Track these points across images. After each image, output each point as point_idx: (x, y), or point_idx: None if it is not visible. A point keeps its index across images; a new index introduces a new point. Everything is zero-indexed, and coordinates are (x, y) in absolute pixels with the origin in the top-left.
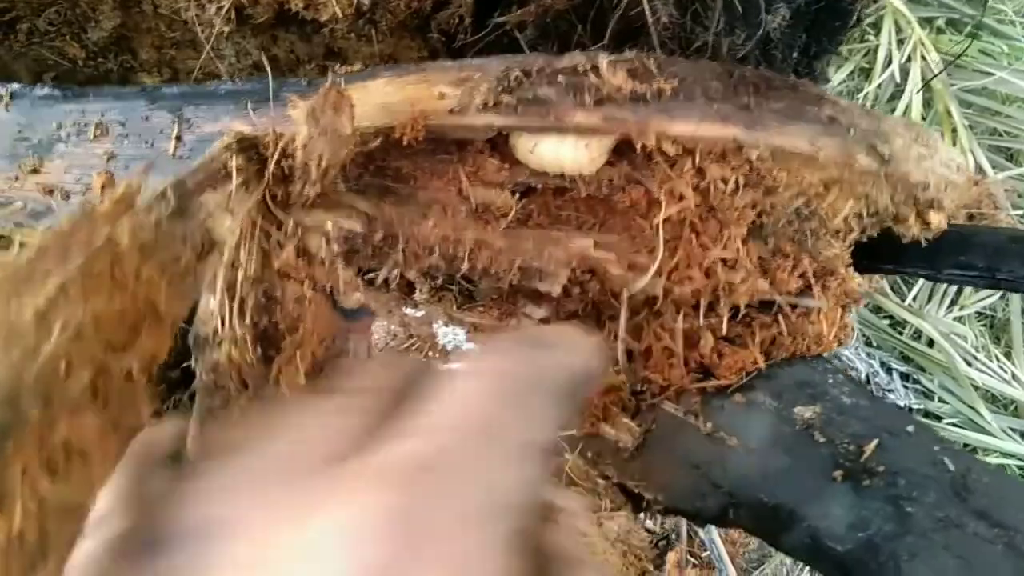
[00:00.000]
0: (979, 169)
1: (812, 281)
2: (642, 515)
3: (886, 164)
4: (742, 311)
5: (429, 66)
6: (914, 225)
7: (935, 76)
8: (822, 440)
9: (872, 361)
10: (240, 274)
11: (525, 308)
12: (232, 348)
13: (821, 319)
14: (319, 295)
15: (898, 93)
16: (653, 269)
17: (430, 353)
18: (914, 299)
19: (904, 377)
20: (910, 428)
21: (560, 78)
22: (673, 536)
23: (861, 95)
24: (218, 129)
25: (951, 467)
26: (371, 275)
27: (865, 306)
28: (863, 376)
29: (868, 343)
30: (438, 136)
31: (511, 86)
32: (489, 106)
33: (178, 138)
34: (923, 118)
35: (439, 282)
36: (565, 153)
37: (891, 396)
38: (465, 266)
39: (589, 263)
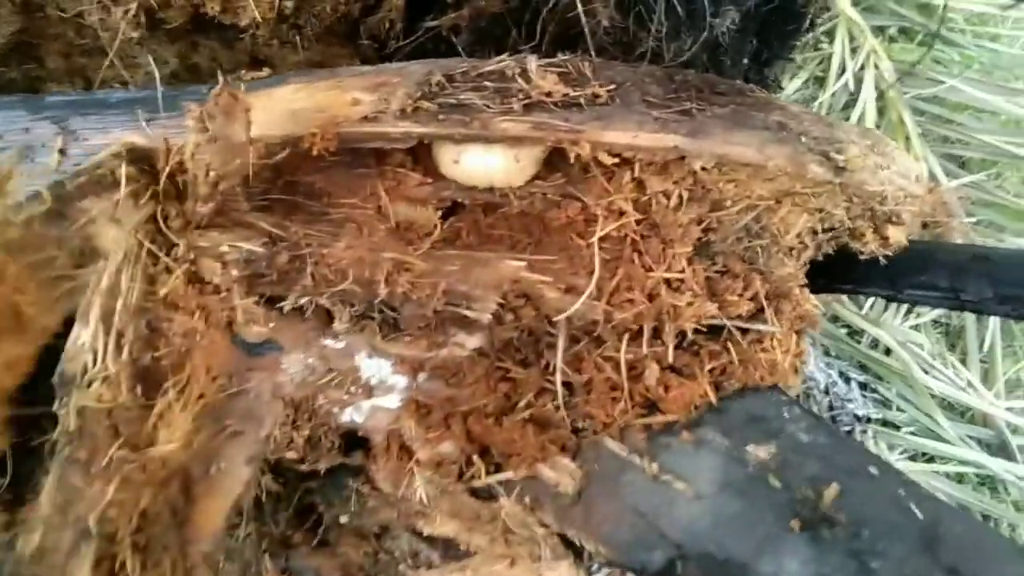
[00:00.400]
0: (932, 177)
1: (764, 304)
2: (586, 564)
3: (840, 174)
4: (689, 337)
5: (343, 71)
6: (872, 241)
7: (891, 85)
8: (778, 484)
9: (830, 371)
10: (120, 303)
11: (456, 337)
12: (104, 388)
13: (775, 346)
14: (212, 328)
15: (852, 102)
16: (589, 290)
17: (352, 389)
18: (871, 308)
19: (862, 386)
20: (872, 469)
21: (486, 83)
22: None
23: (816, 103)
24: (108, 141)
25: (919, 515)
26: (281, 303)
27: (823, 315)
28: (822, 386)
29: (826, 352)
30: (353, 147)
31: (432, 92)
32: (407, 113)
33: (62, 151)
34: (877, 126)
35: (359, 309)
36: (492, 164)
37: (849, 405)
38: (383, 291)
39: (522, 287)
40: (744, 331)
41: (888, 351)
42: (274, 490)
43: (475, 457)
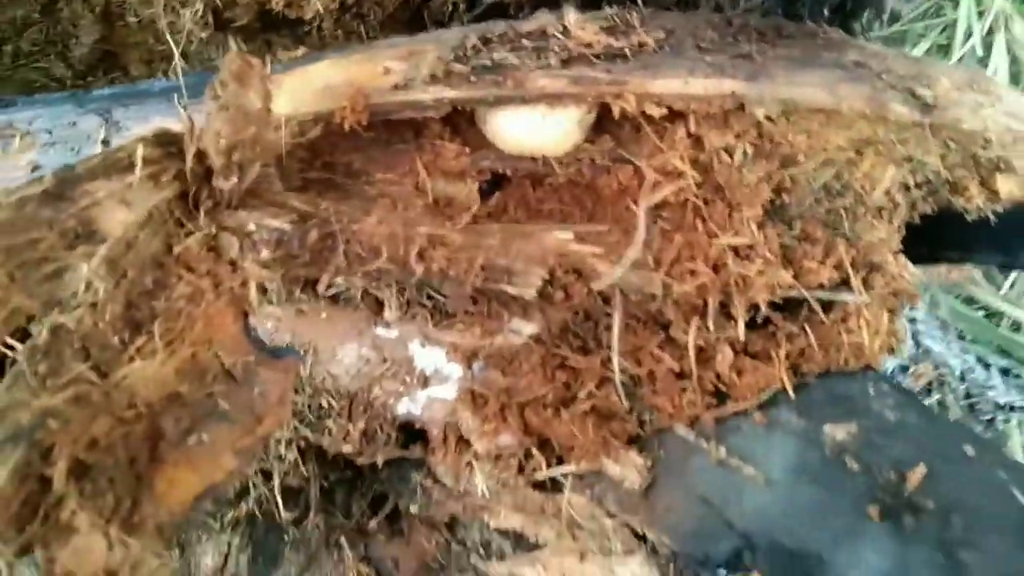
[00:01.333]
0: None
1: (851, 273)
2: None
3: (929, 112)
4: (763, 313)
5: (379, 43)
6: (977, 195)
7: None
8: (856, 467)
9: (967, 356)
10: (131, 251)
11: (511, 324)
12: (87, 314)
13: (860, 325)
14: (221, 300)
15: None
16: (631, 254)
17: (407, 379)
18: (1011, 287)
19: (1004, 372)
20: (968, 450)
21: (525, 42)
22: None
23: None
24: (148, 130)
25: (1022, 501)
26: (334, 292)
27: (956, 297)
28: (957, 373)
29: (961, 336)
30: (389, 120)
31: (467, 55)
32: (439, 77)
33: (105, 142)
34: None
35: (407, 296)
36: (531, 128)
37: (990, 393)
38: (418, 268)
39: (571, 260)
40: (827, 307)
41: None
42: (346, 478)
43: (534, 450)
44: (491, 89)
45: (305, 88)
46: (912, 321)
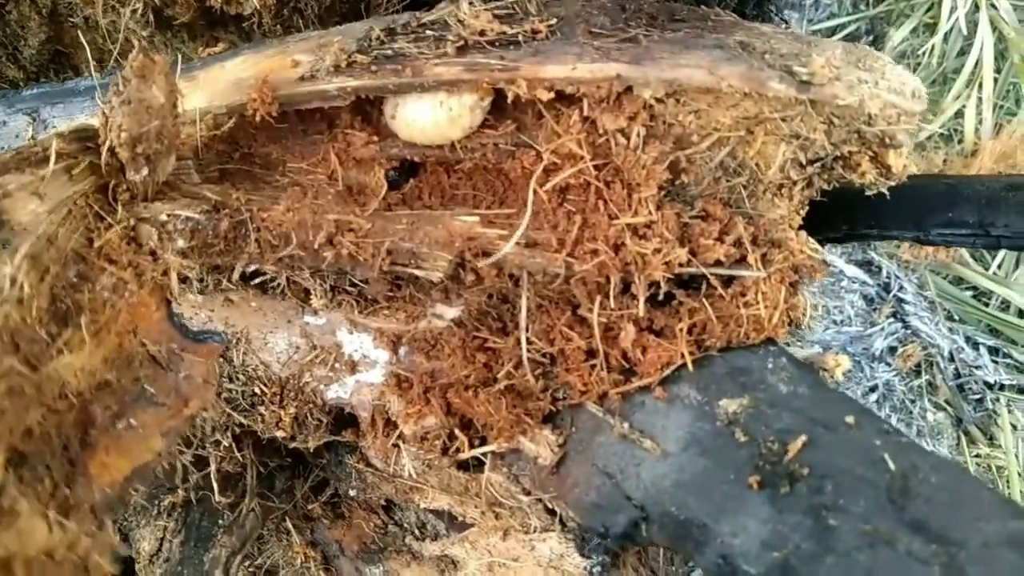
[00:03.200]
0: None
1: (749, 249)
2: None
3: (806, 89)
4: (664, 291)
5: (293, 37)
6: (869, 170)
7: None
8: (743, 439)
9: (955, 336)
10: (52, 247)
11: (434, 308)
12: (14, 309)
13: (758, 299)
14: (144, 290)
15: (968, 47)
16: (518, 233)
17: (336, 365)
18: (999, 267)
19: (993, 351)
20: (849, 419)
21: (427, 32)
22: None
23: (923, 51)
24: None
25: (891, 466)
26: (261, 281)
27: (944, 277)
28: (946, 353)
29: (950, 317)
30: (300, 109)
31: (370, 45)
32: (341, 68)
33: (32, 139)
34: (997, 71)
35: (332, 283)
36: (428, 114)
37: (978, 372)
38: (328, 254)
39: (479, 244)
40: (727, 282)
41: (1022, 313)
42: (287, 464)
43: (457, 431)
44: (391, 78)
45: (219, 82)
46: (901, 302)
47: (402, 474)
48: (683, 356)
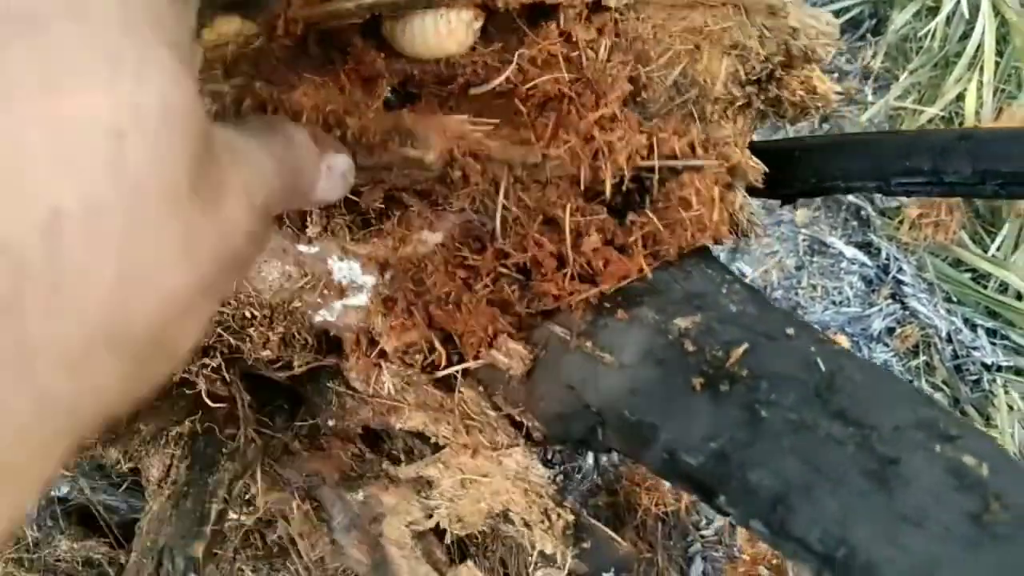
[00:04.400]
0: None
1: (700, 150)
2: (540, 450)
3: None
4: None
5: None
6: (799, 89)
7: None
8: (692, 349)
9: (953, 318)
10: None
11: (420, 235)
12: None
13: (697, 202)
14: None
15: (970, 31)
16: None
17: (325, 291)
18: (998, 249)
19: (991, 333)
20: (789, 330)
21: None
22: (572, 470)
23: (925, 34)
24: None
25: (822, 367)
26: None
27: (943, 259)
28: (944, 334)
29: (948, 299)
30: (316, 31)
31: None
32: None
33: None
34: (999, 53)
35: (329, 209)
36: (428, 27)
37: (976, 354)
38: (336, 131)
39: (467, 143)
40: (668, 193)
41: (1020, 295)
42: (285, 407)
43: (437, 344)
44: None
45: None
46: (900, 284)
47: (381, 393)
48: (641, 268)
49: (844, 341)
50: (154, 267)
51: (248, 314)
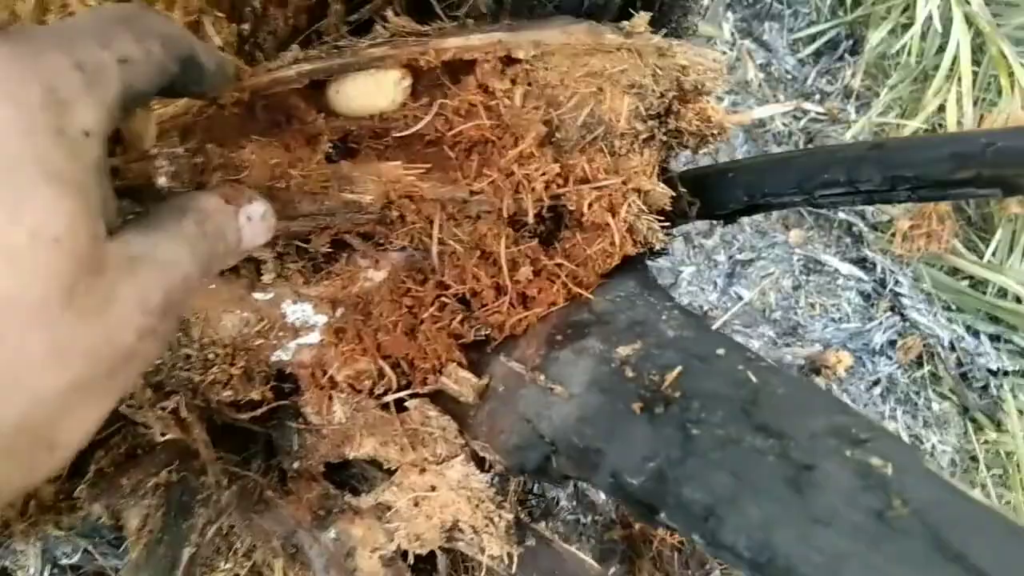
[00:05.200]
0: None
1: (608, 175)
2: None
3: (631, 36)
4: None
5: None
6: (694, 119)
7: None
8: (631, 375)
9: (955, 326)
10: None
11: (366, 274)
12: None
13: (606, 223)
14: None
15: (945, 44)
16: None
17: (280, 333)
18: (993, 254)
19: (993, 338)
20: (720, 351)
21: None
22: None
23: (899, 47)
24: None
25: (753, 380)
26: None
27: (939, 269)
28: (946, 343)
29: (948, 307)
30: (262, 98)
31: (322, 42)
32: (299, 59)
33: None
34: (976, 63)
35: (279, 249)
36: (360, 86)
37: (980, 360)
38: (280, 184)
39: (404, 187)
40: (579, 221)
41: (1019, 298)
42: (259, 451)
43: (387, 369)
44: (336, 60)
45: None
46: (897, 296)
47: (334, 422)
48: (565, 295)
49: (847, 358)
50: (21, 372)
51: (210, 355)
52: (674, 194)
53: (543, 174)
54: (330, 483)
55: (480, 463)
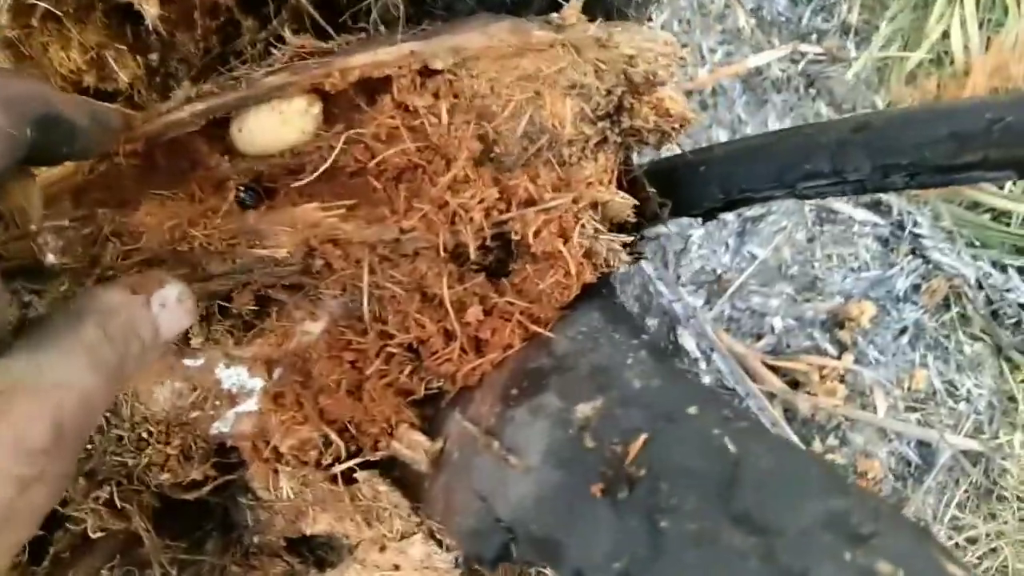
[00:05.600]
0: None
1: (555, 192)
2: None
3: (562, 30)
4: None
5: None
6: (649, 114)
7: None
8: (591, 444)
9: (981, 263)
10: None
11: (302, 326)
12: None
13: (558, 249)
14: None
15: None
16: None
17: (216, 403)
18: (1014, 184)
19: (1022, 272)
20: (692, 410)
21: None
22: None
23: None
24: None
25: (731, 450)
26: None
27: (959, 204)
28: (972, 281)
29: (971, 244)
30: (159, 144)
31: (216, 75)
32: (193, 98)
33: None
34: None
35: (201, 310)
36: (263, 121)
37: (1010, 295)
38: (183, 248)
39: (324, 231)
40: (529, 249)
41: None
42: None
43: (333, 435)
44: (231, 94)
45: None
46: (917, 238)
47: (282, 497)
48: (522, 335)
49: (870, 307)
50: None
51: (144, 433)
52: (637, 200)
53: (480, 201)
54: (296, 555)
55: (440, 541)
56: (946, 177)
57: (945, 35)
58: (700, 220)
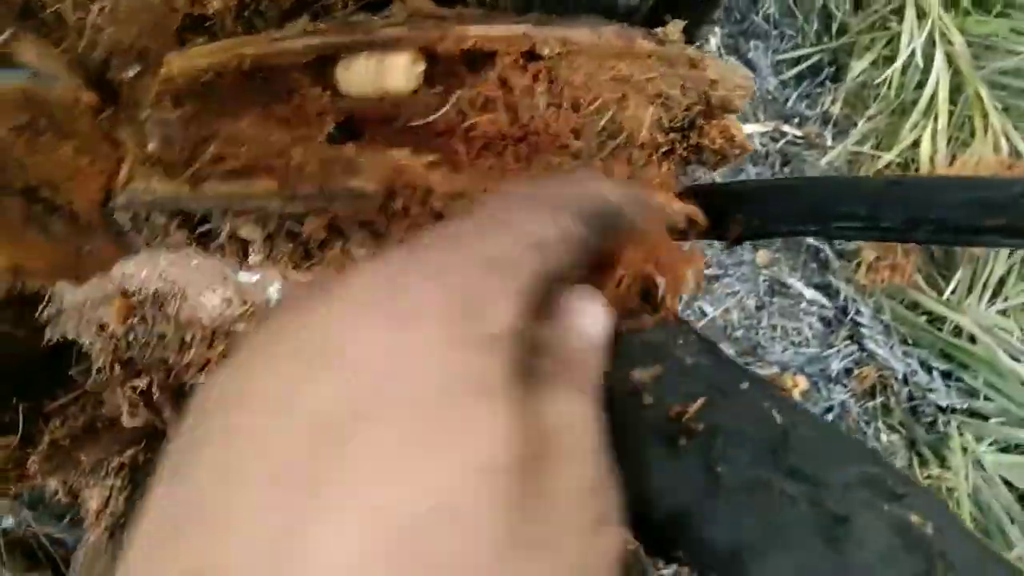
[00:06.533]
0: (1016, 153)
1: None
2: None
3: (663, 44)
4: None
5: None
6: (717, 137)
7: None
8: (650, 401)
9: (910, 360)
10: None
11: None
12: None
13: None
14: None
15: (925, 80)
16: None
17: (263, 320)
18: (952, 292)
19: (946, 376)
20: (744, 385)
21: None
22: None
23: (880, 80)
24: None
25: (778, 421)
26: (206, 237)
27: (900, 302)
28: (900, 376)
29: (904, 341)
30: (265, 70)
31: (332, 17)
32: (308, 31)
33: None
34: (953, 104)
35: (270, 229)
36: (371, 67)
37: (931, 395)
38: (279, 163)
39: (407, 178)
40: None
41: (973, 338)
42: None
43: None
44: (347, 37)
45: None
46: (857, 325)
47: None
48: None
49: (803, 382)
50: None
51: (188, 337)
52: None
53: None
54: None
55: None
56: (967, 237)
57: (916, 144)
58: (723, 245)
